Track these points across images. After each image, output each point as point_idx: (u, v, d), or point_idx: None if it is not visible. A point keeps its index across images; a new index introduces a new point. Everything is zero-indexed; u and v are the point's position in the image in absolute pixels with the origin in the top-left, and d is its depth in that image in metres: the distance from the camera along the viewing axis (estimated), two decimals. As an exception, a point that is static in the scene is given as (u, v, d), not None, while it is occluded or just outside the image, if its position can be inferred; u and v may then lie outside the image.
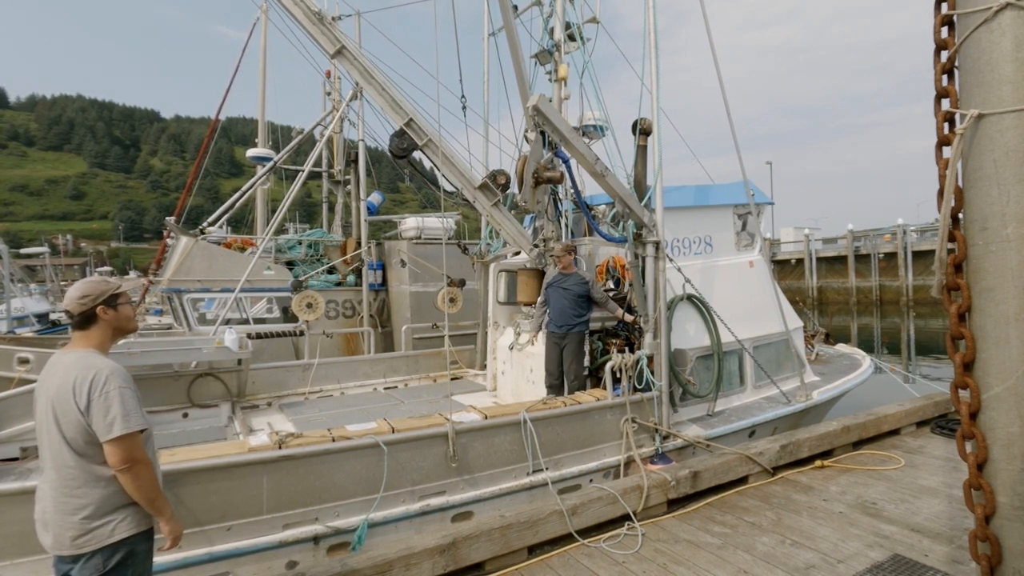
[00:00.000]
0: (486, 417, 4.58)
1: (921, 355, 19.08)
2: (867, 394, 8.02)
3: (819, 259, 35.12)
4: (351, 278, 11.16)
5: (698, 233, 6.63)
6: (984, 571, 2.09)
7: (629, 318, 5.71)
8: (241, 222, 16.53)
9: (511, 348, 6.69)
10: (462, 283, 9.01)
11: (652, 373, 5.27)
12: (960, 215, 2.13)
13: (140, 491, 2.19)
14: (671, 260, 5.67)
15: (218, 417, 6.16)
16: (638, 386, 5.23)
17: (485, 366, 7.63)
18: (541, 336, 6.06)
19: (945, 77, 2.13)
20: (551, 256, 6.04)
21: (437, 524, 4.03)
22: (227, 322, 8.71)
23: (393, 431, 4.18)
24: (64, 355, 2.26)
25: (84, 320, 2.27)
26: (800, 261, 36.08)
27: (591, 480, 4.77)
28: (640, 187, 6.15)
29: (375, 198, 12.51)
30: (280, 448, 3.75)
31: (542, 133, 5.30)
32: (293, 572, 3.28)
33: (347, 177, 13.02)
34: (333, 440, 3.94)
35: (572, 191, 6.35)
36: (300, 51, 9.52)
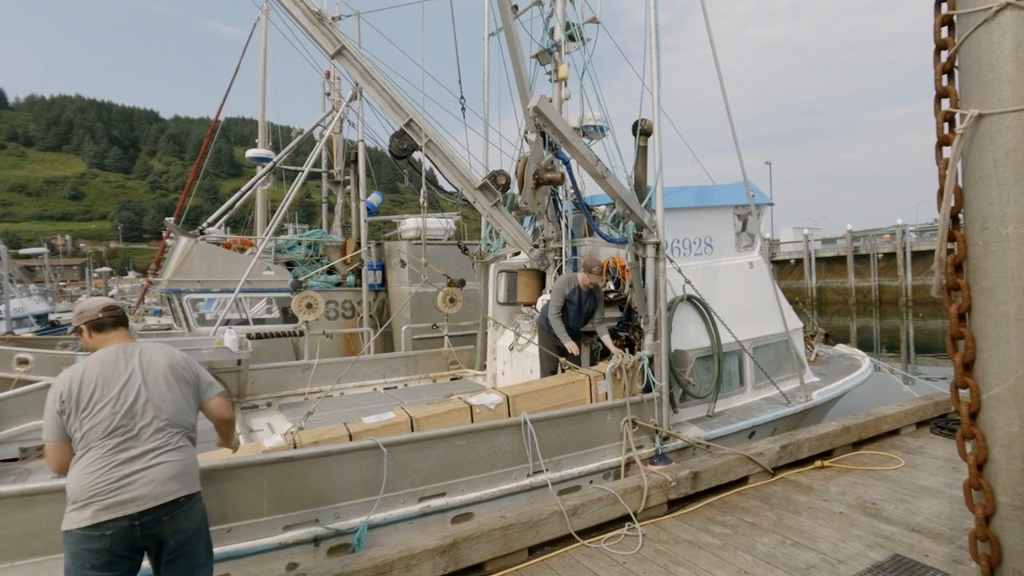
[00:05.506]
0: (507, 397, 4.73)
1: (920, 355, 19.09)
2: (867, 394, 8.02)
3: (818, 259, 35.16)
4: (351, 278, 11.16)
5: (698, 234, 6.62)
6: (984, 571, 2.09)
7: (611, 347, 5.58)
8: (241, 223, 16.53)
9: (511, 349, 6.68)
10: (462, 283, 9.01)
11: (652, 374, 5.27)
12: (960, 215, 2.13)
13: (234, 433, 2.92)
14: (671, 261, 5.66)
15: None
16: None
17: (485, 366, 7.62)
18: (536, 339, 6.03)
19: (945, 77, 2.14)
20: (591, 275, 5.67)
21: (437, 525, 4.03)
22: (227, 322, 8.72)
23: (412, 420, 4.28)
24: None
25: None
26: (799, 261, 36.12)
27: (591, 481, 4.76)
28: (641, 188, 6.14)
29: (374, 198, 12.53)
30: (295, 448, 3.81)
31: (543, 134, 5.30)
32: (294, 573, 3.28)
33: (347, 177, 13.02)
34: (350, 436, 4.04)
35: (572, 192, 6.34)
36: (300, 51, 9.49)
